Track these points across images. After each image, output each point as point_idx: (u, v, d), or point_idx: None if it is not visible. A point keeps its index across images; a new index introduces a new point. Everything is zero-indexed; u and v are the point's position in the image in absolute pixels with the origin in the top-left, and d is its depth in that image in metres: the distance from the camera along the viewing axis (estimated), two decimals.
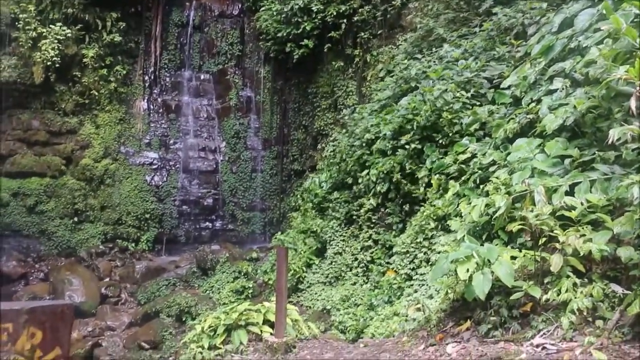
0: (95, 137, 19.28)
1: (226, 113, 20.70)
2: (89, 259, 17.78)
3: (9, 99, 18.29)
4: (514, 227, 5.13)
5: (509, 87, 8.16)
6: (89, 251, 18.07)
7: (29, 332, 2.90)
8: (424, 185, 9.45)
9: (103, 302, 15.43)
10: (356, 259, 10.85)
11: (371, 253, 10.63)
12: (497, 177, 6.44)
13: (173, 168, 19.88)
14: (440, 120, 9.38)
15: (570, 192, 5.12)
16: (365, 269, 10.69)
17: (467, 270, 4.71)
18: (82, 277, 16.10)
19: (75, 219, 18.68)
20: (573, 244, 4.48)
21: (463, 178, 8.11)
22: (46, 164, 18.68)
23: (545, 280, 4.71)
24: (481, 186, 7.31)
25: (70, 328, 3.07)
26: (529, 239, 5.16)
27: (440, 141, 9.42)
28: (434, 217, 8.62)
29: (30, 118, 18.69)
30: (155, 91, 20.34)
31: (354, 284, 10.62)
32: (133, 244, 18.80)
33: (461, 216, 6.82)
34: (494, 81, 9.43)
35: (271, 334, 5.88)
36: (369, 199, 10.74)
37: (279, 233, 13.95)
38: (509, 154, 6.78)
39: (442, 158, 9.17)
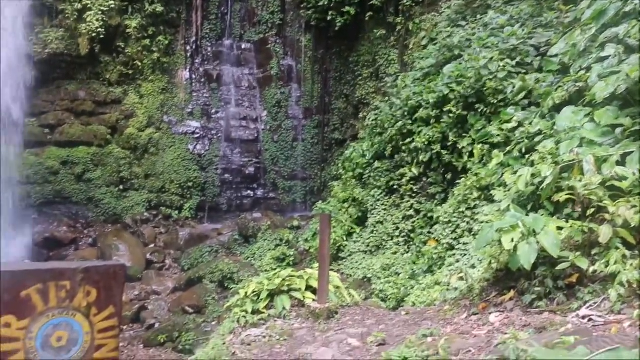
0: (139, 106, 19.59)
1: (267, 82, 20.72)
2: (134, 225, 18.23)
3: (56, 70, 18.70)
4: (560, 197, 5.04)
5: (556, 55, 7.94)
6: (134, 218, 18.51)
7: (85, 290, 3.02)
8: (467, 154, 9.34)
9: (148, 268, 15.85)
10: (397, 228, 10.85)
11: (413, 222, 10.61)
12: (543, 147, 6.31)
13: (215, 137, 20.08)
14: (484, 89, 9.20)
15: (621, 162, 5.00)
16: (406, 238, 10.68)
17: (512, 240, 4.67)
18: (128, 243, 16.58)
19: (121, 186, 19.14)
20: (623, 215, 4.39)
21: (508, 148, 7.98)
22: (93, 133, 19.11)
23: (593, 252, 4.63)
24: (526, 156, 7.18)
25: (123, 288, 3.17)
26: (577, 209, 5.07)
27: (484, 110, 9.25)
28: (477, 187, 8.53)
29: (77, 89, 19.10)
30: (197, 61, 20.46)
31: (395, 253, 10.63)
32: (176, 212, 19.17)
33: (505, 186, 6.72)
34: (541, 49, 9.18)
35: (313, 300, 5.95)
36: (411, 169, 10.68)
37: (320, 202, 14.02)
38: (555, 123, 6.63)
39: (486, 127, 9.03)
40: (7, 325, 2.90)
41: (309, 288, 6.10)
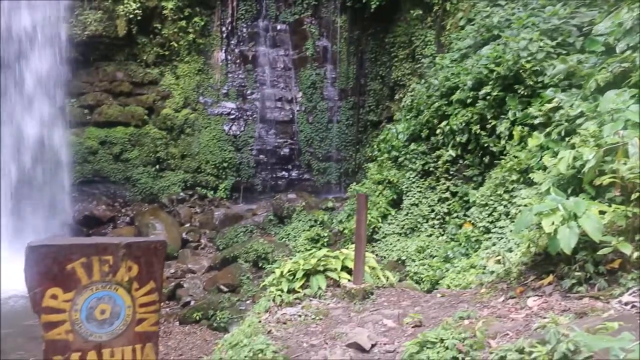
0: (176, 87, 19.79)
1: (302, 63, 20.69)
2: (171, 205, 18.53)
3: (95, 52, 18.99)
4: (603, 180, 4.93)
5: (600, 35, 7.73)
6: (170, 198, 18.80)
7: (126, 265, 3.08)
8: (504, 137, 9.20)
9: (184, 247, 16.09)
10: (433, 210, 10.78)
11: (448, 205, 10.53)
12: (585, 129, 6.16)
13: (250, 118, 20.18)
14: (523, 70, 9.03)
15: None
16: (441, 220, 10.62)
17: (553, 223, 4.59)
18: (164, 222, 16.84)
19: (157, 166, 19.44)
20: None
21: (547, 130, 7.83)
22: (130, 113, 19.41)
23: (637, 237, 4.52)
24: (567, 138, 7.03)
25: (163, 264, 3.23)
26: (620, 193, 4.95)
27: (523, 92, 9.08)
28: (516, 170, 8.41)
29: (115, 70, 19.39)
30: (232, 42, 20.53)
31: (430, 235, 10.58)
32: (212, 192, 19.40)
33: (545, 169, 6.61)
34: (584, 28, 8.95)
35: (349, 280, 5.96)
36: (447, 151, 10.58)
37: (354, 183, 14.00)
38: (598, 105, 6.47)
39: (524, 109, 8.87)
40: (54, 297, 2.98)
41: (344, 268, 6.10)
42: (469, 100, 10.07)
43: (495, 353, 3.54)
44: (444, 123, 10.59)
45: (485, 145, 9.71)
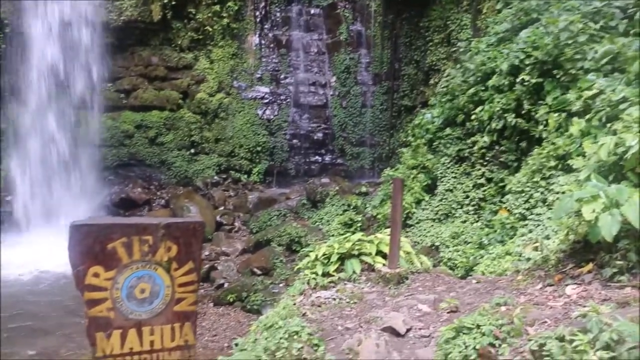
0: (210, 72, 19.91)
1: (336, 48, 20.59)
2: (205, 188, 18.73)
3: (131, 36, 19.20)
4: None
5: None
6: (205, 181, 19.01)
7: (166, 245, 3.13)
8: (542, 123, 9.04)
9: (218, 229, 16.23)
10: (467, 196, 10.67)
11: (483, 191, 10.41)
12: (628, 114, 6.01)
13: (284, 102, 20.20)
14: (563, 54, 8.82)
15: None
16: (476, 207, 10.50)
17: (593, 210, 4.49)
18: (199, 205, 17.03)
19: (192, 150, 19.65)
20: None
21: (587, 116, 7.66)
22: (165, 98, 19.61)
23: None
24: (608, 124, 6.87)
25: (201, 244, 3.26)
26: None
27: (562, 77, 8.89)
28: (554, 156, 8.25)
29: (150, 54, 19.59)
30: (266, 26, 20.52)
31: (465, 221, 10.47)
32: (245, 176, 19.54)
33: (584, 155, 6.47)
34: (628, 11, 8.70)
35: (384, 264, 5.95)
36: (483, 136, 10.43)
37: (388, 168, 13.92)
38: None
39: (563, 94, 8.69)
40: (96, 275, 3.04)
41: (379, 253, 6.09)
42: (505, 86, 9.90)
43: (534, 340, 3.50)
44: (479, 108, 10.44)
45: (522, 131, 9.55)
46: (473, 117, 10.65)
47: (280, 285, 12.07)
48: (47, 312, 11.28)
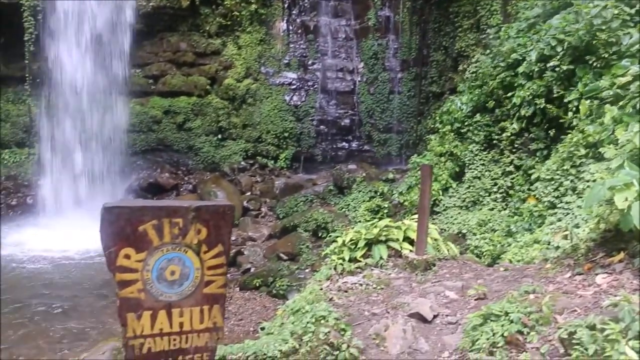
0: (237, 57, 19.96)
1: (364, 33, 20.46)
2: (232, 173, 18.85)
3: (159, 22, 19.33)
4: None
5: None
6: (232, 166, 19.13)
7: (196, 228, 3.15)
8: (573, 110, 8.89)
9: (245, 215, 16.34)
10: (495, 184, 10.58)
11: (512, 179, 10.31)
12: None
13: (311, 88, 20.17)
14: (595, 40, 8.64)
15: None
16: (504, 194, 10.41)
17: (626, 199, 4.41)
18: (226, 190, 17.16)
19: (219, 136, 19.77)
20: None
21: (620, 103, 7.50)
22: (193, 83, 19.74)
23: None
24: None
25: (231, 228, 3.28)
26: None
27: (594, 63, 8.71)
28: (584, 144, 8.12)
29: (179, 40, 19.71)
30: (293, 12, 20.45)
31: (492, 209, 10.39)
32: (272, 161, 19.61)
33: (616, 143, 6.36)
34: None
35: (411, 251, 5.94)
36: (512, 123, 10.31)
37: (416, 155, 13.85)
38: None
39: (596, 81, 8.52)
40: (127, 257, 3.08)
41: (406, 239, 6.08)
42: (535, 72, 9.75)
43: (564, 328, 3.47)
44: (509, 95, 10.31)
45: (552, 118, 9.41)
46: (502, 103, 10.53)
47: (306, 270, 12.12)
48: (77, 294, 11.50)
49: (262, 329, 5.54)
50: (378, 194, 14.54)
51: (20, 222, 16.67)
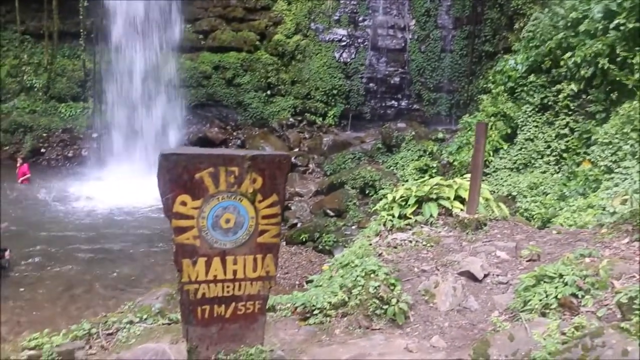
0: (287, 13, 19.78)
1: None
2: (280, 129, 18.92)
3: None
4: None
5: None
6: (280, 123, 19.17)
7: (251, 177, 3.16)
8: (638, 71, 8.53)
9: (292, 170, 16.36)
10: (549, 146, 10.32)
11: (566, 142, 10.03)
12: None
13: (361, 45, 19.89)
14: None
15: None
16: (558, 157, 10.15)
17: None
18: (274, 145, 17.27)
19: (268, 92, 19.77)
20: None
21: None
22: (242, 39, 19.71)
23: None
24: None
25: (286, 178, 3.27)
26: None
27: None
28: None
29: None
30: None
31: (544, 172, 10.17)
32: (320, 118, 19.56)
33: None
34: None
35: (461, 209, 5.86)
36: (569, 84, 9.98)
37: (467, 115, 13.59)
38: None
39: None
40: (183, 204, 3.12)
41: (457, 198, 5.99)
42: (599, 31, 9.35)
43: (623, 293, 3.38)
44: (567, 55, 9.95)
45: (614, 79, 9.05)
46: (560, 63, 10.18)
47: (353, 227, 12.16)
48: (129, 243, 11.82)
49: (310, 281, 5.59)
50: (427, 153, 14.38)
51: (76, 174, 17.24)
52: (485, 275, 4.67)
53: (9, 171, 16.46)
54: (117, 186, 15.35)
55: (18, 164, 16.39)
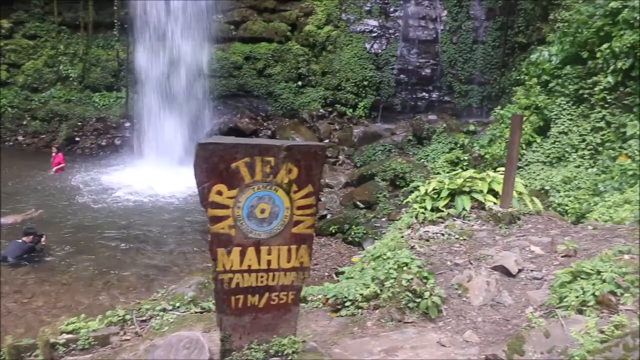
0: (318, 4, 19.73)
1: None
2: (310, 120, 18.91)
3: None
4: None
5: None
6: (310, 113, 19.16)
7: (287, 168, 3.17)
8: None
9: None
10: (584, 140, 10.13)
11: (602, 135, 9.84)
12: None
13: (392, 36, 19.72)
14: None
15: None
16: (593, 151, 9.97)
17: None
18: (304, 136, 17.28)
19: (299, 82, 19.77)
20: None
21: None
22: (273, 30, 19.72)
23: None
24: None
25: (322, 169, 3.27)
26: None
27: None
28: None
29: None
30: None
31: (578, 166, 9.99)
32: (350, 110, 19.49)
33: None
34: None
35: (495, 203, 5.80)
36: (606, 76, 9.79)
37: (499, 107, 13.41)
38: None
39: None
40: (219, 193, 3.13)
41: (490, 191, 5.92)
42: (637, 22, 9.14)
43: None
44: (605, 45, 9.74)
45: None
46: (597, 54, 9.97)
47: (383, 219, 12.12)
48: (163, 231, 11.94)
49: (339, 273, 5.59)
50: (458, 145, 14.25)
51: (109, 162, 17.51)
52: (520, 270, 4.61)
53: (45, 159, 16.82)
54: (150, 175, 15.54)
55: (53, 153, 16.70)
